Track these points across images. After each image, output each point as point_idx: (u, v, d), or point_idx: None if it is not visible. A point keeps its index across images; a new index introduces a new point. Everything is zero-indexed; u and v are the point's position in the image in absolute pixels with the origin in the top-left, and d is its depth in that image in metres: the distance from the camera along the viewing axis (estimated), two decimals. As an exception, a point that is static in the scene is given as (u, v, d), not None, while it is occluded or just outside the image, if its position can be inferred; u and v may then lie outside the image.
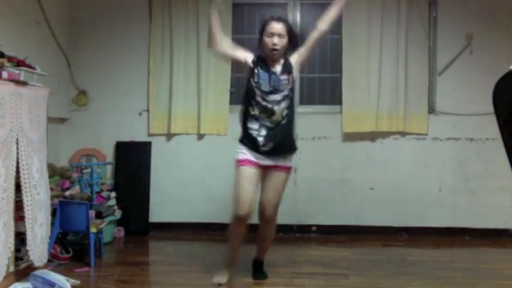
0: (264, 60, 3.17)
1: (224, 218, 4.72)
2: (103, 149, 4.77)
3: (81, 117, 4.82)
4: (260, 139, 3.11)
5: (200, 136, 4.77)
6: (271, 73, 3.12)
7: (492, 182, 4.62)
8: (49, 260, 3.50)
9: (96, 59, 4.80)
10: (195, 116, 4.71)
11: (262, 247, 3.39)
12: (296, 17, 4.82)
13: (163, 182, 4.76)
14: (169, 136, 4.79)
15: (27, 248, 3.05)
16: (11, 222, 2.89)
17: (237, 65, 3.44)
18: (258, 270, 3.39)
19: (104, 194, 4.36)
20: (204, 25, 4.66)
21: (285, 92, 3.11)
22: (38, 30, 4.12)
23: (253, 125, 3.12)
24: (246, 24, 4.89)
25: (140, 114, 4.81)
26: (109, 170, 4.77)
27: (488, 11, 4.63)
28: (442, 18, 4.66)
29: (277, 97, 3.09)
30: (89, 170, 4.29)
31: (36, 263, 3.15)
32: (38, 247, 3.18)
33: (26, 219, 3.04)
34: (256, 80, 3.10)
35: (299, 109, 4.77)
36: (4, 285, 2.89)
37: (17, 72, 3.06)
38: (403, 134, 4.67)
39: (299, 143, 4.66)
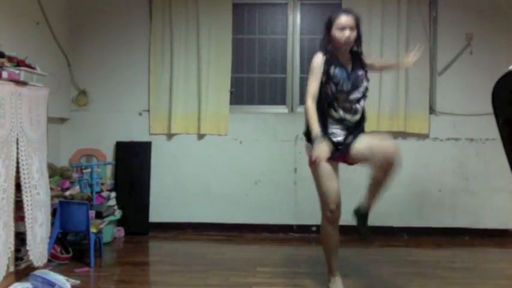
0: (335, 56, 3.00)
1: (224, 217, 4.76)
2: (103, 149, 4.77)
3: (81, 117, 4.82)
4: (340, 140, 2.99)
5: (200, 136, 4.77)
6: (348, 70, 2.99)
7: (492, 182, 4.62)
8: (49, 260, 3.50)
9: (96, 59, 4.80)
10: (195, 116, 4.71)
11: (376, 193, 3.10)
12: (296, 17, 4.82)
13: (163, 182, 4.76)
14: (170, 136, 4.79)
15: (27, 248, 3.05)
16: (11, 222, 2.90)
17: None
18: (365, 222, 3.16)
19: (104, 194, 4.36)
20: (204, 25, 4.67)
21: (363, 89, 3.00)
22: (38, 30, 4.12)
23: (336, 129, 2.99)
24: (246, 24, 4.89)
25: (140, 114, 4.81)
26: (109, 170, 4.77)
27: (488, 11, 4.63)
28: (442, 18, 4.67)
29: (357, 95, 2.98)
30: (89, 170, 4.29)
31: (36, 263, 3.15)
32: (38, 247, 3.18)
33: (26, 219, 3.04)
34: (335, 81, 2.94)
35: (299, 109, 4.79)
36: (4, 285, 2.89)
37: (17, 72, 3.06)
38: (403, 134, 4.67)
39: (299, 143, 4.70)
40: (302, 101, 4.80)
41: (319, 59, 2.99)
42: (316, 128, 2.89)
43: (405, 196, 4.68)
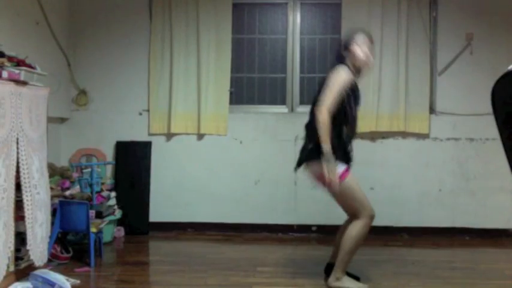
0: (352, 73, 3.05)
1: (224, 217, 4.76)
2: (103, 148, 4.77)
3: (81, 117, 4.82)
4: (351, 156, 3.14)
5: (200, 136, 4.77)
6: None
7: (492, 182, 4.61)
8: (49, 260, 3.50)
9: (96, 59, 4.80)
10: (195, 116, 4.71)
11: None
12: (296, 17, 4.82)
13: (163, 182, 4.76)
14: (170, 136, 4.79)
15: (28, 247, 3.05)
16: (11, 222, 2.90)
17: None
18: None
19: (104, 193, 4.37)
20: (204, 25, 4.67)
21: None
22: (38, 30, 4.12)
23: (348, 145, 3.08)
24: (246, 24, 4.89)
25: (140, 114, 4.81)
26: (109, 170, 4.77)
27: (488, 11, 4.63)
28: (442, 18, 4.66)
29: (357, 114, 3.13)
30: (89, 169, 4.30)
31: (37, 263, 3.15)
32: (38, 247, 3.18)
33: (26, 219, 3.04)
34: (357, 99, 3.05)
35: (299, 109, 4.79)
36: (4, 285, 2.89)
37: (17, 72, 3.06)
38: (403, 134, 4.67)
39: (299, 143, 4.69)
40: (302, 100, 4.82)
41: (349, 75, 2.98)
42: (329, 144, 2.90)
43: (405, 196, 4.68)
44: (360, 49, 3.02)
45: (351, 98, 2.98)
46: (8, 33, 3.59)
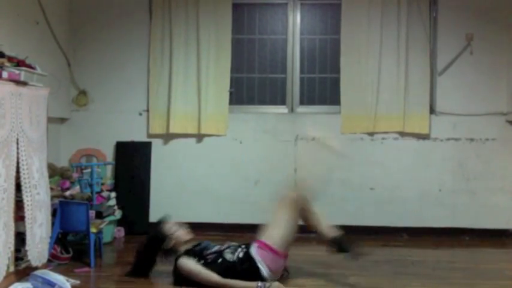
0: None
1: (224, 217, 4.76)
2: (103, 149, 4.77)
3: (81, 117, 4.82)
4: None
5: (200, 136, 4.77)
6: None
7: (492, 182, 4.62)
8: (49, 260, 3.49)
9: (96, 59, 4.80)
10: (195, 116, 4.71)
11: None
12: (296, 17, 4.82)
13: (163, 182, 4.76)
14: (169, 136, 4.79)
15: (26, 248, 3.05)
16: (11, 222, 2.89)
17: None
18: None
19: (104, 194, 4.36)
20: (204, 25, 4.67)
21: None
22: (38, 30, 4.12)
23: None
24: (246, 24, 4.89)
25: (140, 114, 4.81)
26: (109, 170, 4.77)
27: (488, 11, 4.63)
28: (442, 18, 4.67)
29: None
30: (89, 170, 4.29)
31: (34, 263, 3.14)
32: (37, 247, 3.17)
33: (26, 219, 3.04)
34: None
35: (299, 109, 4.80)
36: (4, 285, 2.89)
37: (17, 72, 3.06)
38: (403, 134, 4.67)
39: (299, 143, 4.70)
40: (302, 101, 4.83)
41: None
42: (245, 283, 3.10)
43: (405, 196, 4.68)
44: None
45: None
46: (8, 33, 3.59)
